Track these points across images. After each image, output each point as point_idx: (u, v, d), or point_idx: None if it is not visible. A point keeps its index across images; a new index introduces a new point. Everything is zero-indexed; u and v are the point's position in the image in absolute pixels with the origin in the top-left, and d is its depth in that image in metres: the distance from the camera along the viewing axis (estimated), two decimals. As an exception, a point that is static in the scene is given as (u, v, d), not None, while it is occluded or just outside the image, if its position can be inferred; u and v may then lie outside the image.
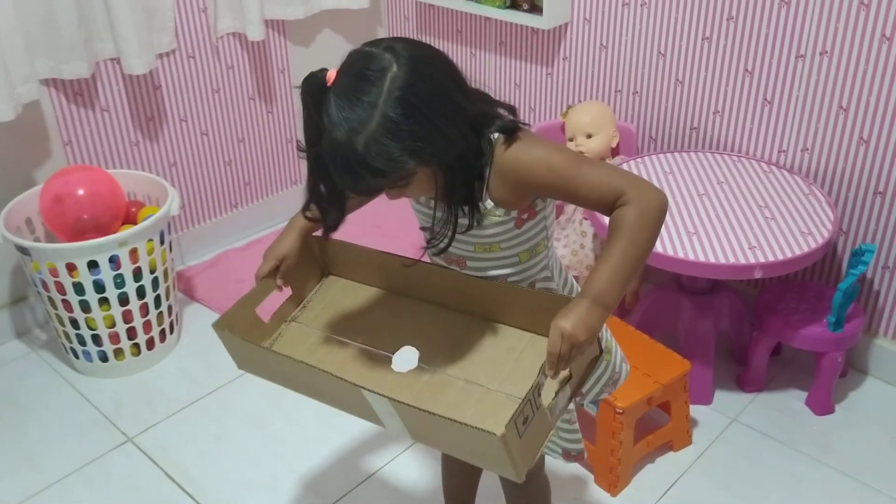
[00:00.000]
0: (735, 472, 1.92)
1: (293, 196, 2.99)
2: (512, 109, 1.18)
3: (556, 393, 1.09)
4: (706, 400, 2.11)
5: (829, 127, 2.08)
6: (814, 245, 1.87)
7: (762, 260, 1.82)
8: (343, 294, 1.42)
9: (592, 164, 1.13)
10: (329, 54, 2.88)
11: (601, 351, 1.20)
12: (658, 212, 1.09)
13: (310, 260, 1.42)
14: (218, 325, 1.28)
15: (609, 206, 1.11)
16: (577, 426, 1.36)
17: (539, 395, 1.06)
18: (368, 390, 1.10)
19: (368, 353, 1.30)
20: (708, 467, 1.93)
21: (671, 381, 1.86)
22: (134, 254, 2.08)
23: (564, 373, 1.10)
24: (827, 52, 2.02)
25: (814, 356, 2.07)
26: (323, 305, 1.41)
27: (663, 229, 1.92)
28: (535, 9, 2.48)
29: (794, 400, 2.13)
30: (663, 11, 2.26)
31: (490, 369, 1.22)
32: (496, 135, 1.15)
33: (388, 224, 2.75)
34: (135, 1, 2.21)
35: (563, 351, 1.06)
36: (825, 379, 2.05)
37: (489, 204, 1.18)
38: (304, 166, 3.20)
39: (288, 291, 1.40)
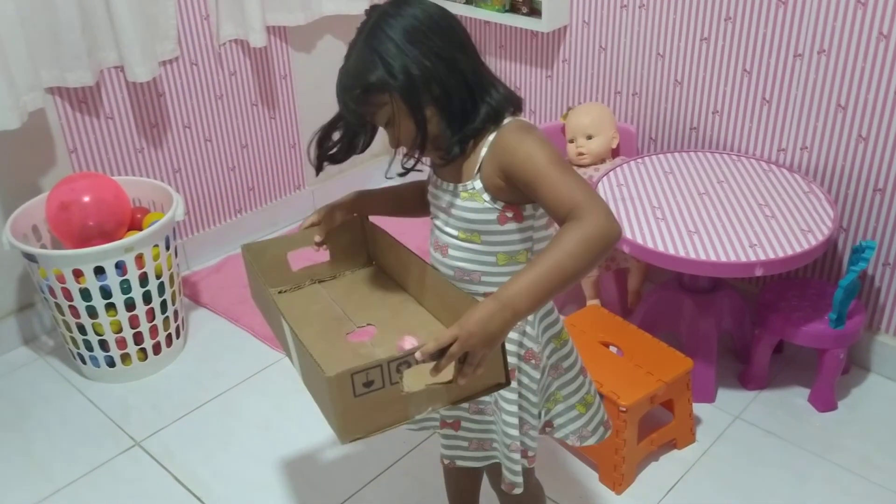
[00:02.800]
0: (739, 470, 1.93)
1: (296, 201, 3.01)
2: (518, 100, 1.24)
3: (425, 386, 1.06)
4: (709, 398, 2.12)
5: (828, 125, 2.10)
6: (814, 242, 1.88)
7: (763, 258, 1.84)
8: (371, 277, 1.50)
9: (567, 172, 1.13)
10: (331, 59, 2.92)
11: (507, 382, 1.15)
12: (603, 240, 1.06)
13: (360, 242, 1.50)
14: (247, 248, 1.40)
15: (563, 214, 1.11)
16: (517, 456, 1.33)
17: (399, 371, 1.03)
18: (284, 319, 1.18)
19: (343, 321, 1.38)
20: (712, 465, 1.94)
21: (674, 379, 1.87)
22: (140, 259, 2.10)
23: (445, 373, 1.06)
24: (824, 51, 2.03)
25: (816, 353, 2.08)
26: (350, 279, 1.49)
27: (664, 228, 1.95)
28: (534, 12, 2.50)
29: (796, 397, 2.14)
30: (661, 13, 2.28)
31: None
32: (508, 119, 1.21)
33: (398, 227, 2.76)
34: (137, 9, 2.24)
35: (452, 349, 1.02)
36: (827, 376, 2.06)
37: (478, 185, 1.22)
38: (307, 172, 3.23)
39: (325, 254, 1.48)
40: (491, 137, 1.21)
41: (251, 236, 2.90)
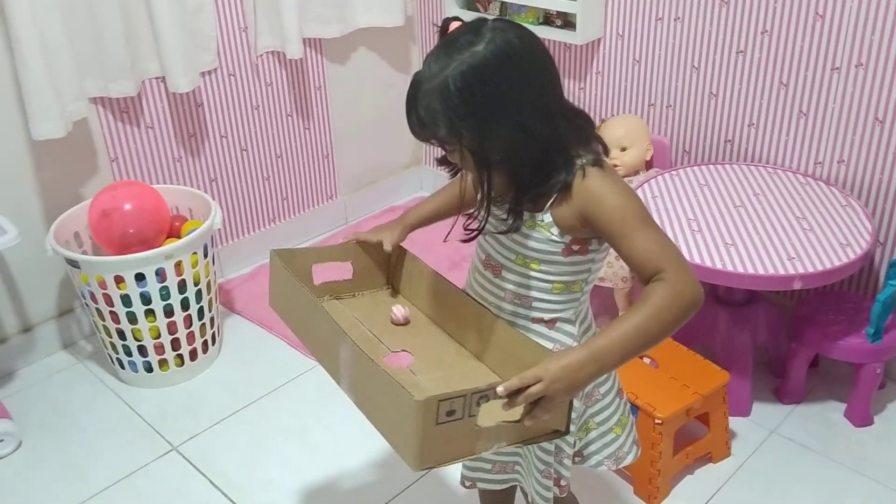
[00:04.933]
0: (775, 484, 1.92)
1: (329, 211, 3.04)
2: (590, 140, 1.19)
3: (496, 423, 1.06)
4: (744, 411, 2.11)
5: (866, 139, 2.09)
6: (853, 256, 1.87)
7: (802, 271, 1.83)
8: (390, 302, 1.47)
9: (655, 229, 1.12)
10: (364, 71, 2.95)
11: (566, 431, 1.15)
12: (689, 304, 1.08)
13: (382, 263, 1.49)
14: (277, 252, 1.38)
15: (647, 273, 1.10)
16: (550, 483, 1.34)
17: (478, 404, 1.03)
18: (342, 331, 1.16)
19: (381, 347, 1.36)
20: (747, 479, 1.93)
21: (711, 392, 1.86)
22: (179, 266, 2.13)
23: (514, 412, 1.06)
24: (862, 65, 2.03)
25: (852, 368, 2.07)
26: (370, 303, 1.47)
27: (700, 240, 1.95)
28: (568, 24, 2.51)
29: (832, 412, 2.12)
30: (697, 25, 2.29)
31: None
32: (583, 160, 1.15)
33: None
34: (180, 22, 2.28)
35: (532, 389, 1.02)
36: (864, 390, 2.04)
37: (547, 219, 1.18)
38: (339, 181, 3.24)
39: (346, 270, 1.46)
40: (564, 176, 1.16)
41: (284, 245, 2.93)
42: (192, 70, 2.37)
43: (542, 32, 2.55)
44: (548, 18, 2.57)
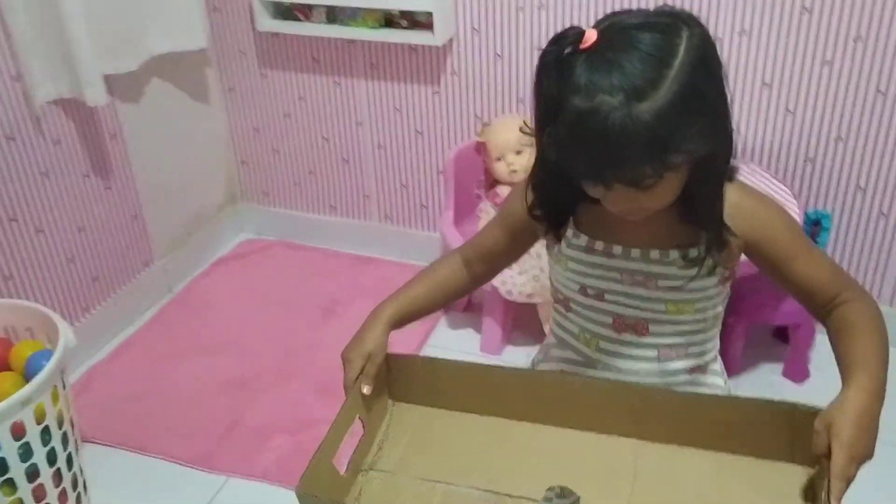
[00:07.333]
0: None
1: (148, 282, 2.49)
2: None
3: None
4: (704, 397, 2.06)
5: (755, 103, 2.11)
6: (798, 218, 1.88)
7: (768, 248, 1.79)
8: (429, 423, 1.10)
9: (819, 249, 1.03)
10: (161, 109, 2.43)
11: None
12: (882, 317, 1.00)
13: (377, 384, 1.07)
14: (302, 494, 0.92)
15: (824, 297, 0.99)
16: None
17: None
18: None
19: (497, 500, 0.98)
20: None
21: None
22: (39, 411, 1.56)
23: None
24: (746, 31, 2.04)
25: (773, 331, 2.12)
26: (406, 441, 1.07)
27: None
28: (418, 25, 2.25)
29: (770, 374, 2.15)
30: (560, 12, 2.16)
31: None
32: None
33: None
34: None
35: (851, 472, 0.86)
36: (803, 348, 2.09)
37: (702, 250, 1.00)
38: (154, 244, 2.67)
39: (356, 433, 1.05)
40: None
41: (107, 337, 2.35)
42: (-26, 142, 1.74)
43: (388, 37, 2.27)
44: (390, 21, 2.28)
